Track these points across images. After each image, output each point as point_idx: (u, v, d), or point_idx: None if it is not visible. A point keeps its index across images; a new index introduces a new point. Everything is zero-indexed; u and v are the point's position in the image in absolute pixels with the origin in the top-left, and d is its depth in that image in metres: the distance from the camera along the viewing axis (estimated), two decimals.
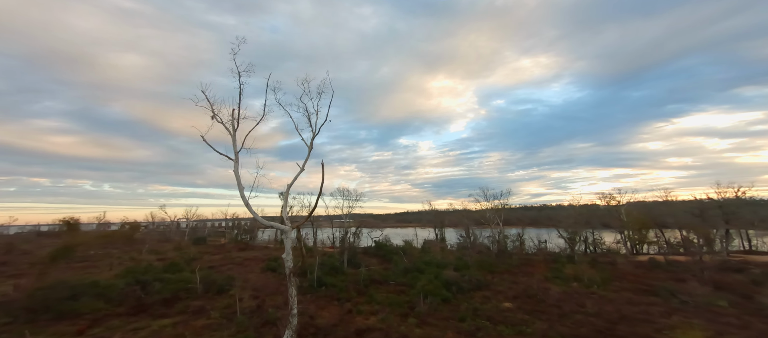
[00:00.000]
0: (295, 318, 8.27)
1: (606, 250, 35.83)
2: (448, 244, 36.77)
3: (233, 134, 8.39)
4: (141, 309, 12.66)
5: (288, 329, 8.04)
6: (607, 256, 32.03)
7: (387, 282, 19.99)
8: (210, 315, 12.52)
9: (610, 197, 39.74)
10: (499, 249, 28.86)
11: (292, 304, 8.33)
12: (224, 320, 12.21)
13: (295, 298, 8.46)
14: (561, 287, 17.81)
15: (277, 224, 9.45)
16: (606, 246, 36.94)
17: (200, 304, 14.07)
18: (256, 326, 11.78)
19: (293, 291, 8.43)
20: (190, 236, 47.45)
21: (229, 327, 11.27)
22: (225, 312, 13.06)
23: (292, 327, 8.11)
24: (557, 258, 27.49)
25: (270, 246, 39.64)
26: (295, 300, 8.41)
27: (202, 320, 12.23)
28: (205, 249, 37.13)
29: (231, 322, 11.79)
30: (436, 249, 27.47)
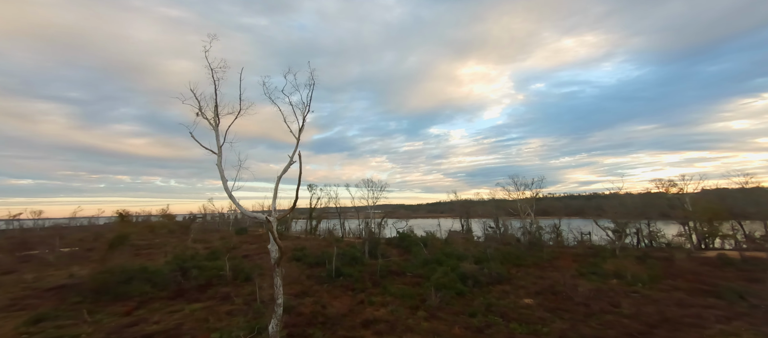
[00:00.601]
0: (280, 307, 8.62)
1: (664, 244, 31.42)
2: (476, 235, 35.35)
3: (216, 129, 8.83)
4: (179, 293, 14.37)
5: (273, 318, 8.43)
6: (663, 251, 28.07)
7: (404, 273, 19.95)
8: (234, 302, 13.71)
9: (670, 184, 34.44)
10: (530, 241, 26.95)
11: (277, 294, 8.68)
12: (245, 306, 13.27)
13: (281, 288, 8.80)
14: (595, 283, 16.09)
15: (259, 215, 9.82)
16: (665, 240, 32.37)
17: (228, 290, 15.47)
18: (271, 313, 12.61)
19: (278, 281, 8.78)
20: (234, 227, 52.26)
21: (248, 313, 12.22)
22: (247, 298, 14.18)
23: (277, 317, 8.48)
24: (599, 251, 24.83)
25: (301, 237, 41.98)
26: (280, 290, 8.76)
27: (227, 305, 13.45)
28: (244, 239, 40.64)
29: (250, 308, 12.77)
30: (458, 241, 26.60)
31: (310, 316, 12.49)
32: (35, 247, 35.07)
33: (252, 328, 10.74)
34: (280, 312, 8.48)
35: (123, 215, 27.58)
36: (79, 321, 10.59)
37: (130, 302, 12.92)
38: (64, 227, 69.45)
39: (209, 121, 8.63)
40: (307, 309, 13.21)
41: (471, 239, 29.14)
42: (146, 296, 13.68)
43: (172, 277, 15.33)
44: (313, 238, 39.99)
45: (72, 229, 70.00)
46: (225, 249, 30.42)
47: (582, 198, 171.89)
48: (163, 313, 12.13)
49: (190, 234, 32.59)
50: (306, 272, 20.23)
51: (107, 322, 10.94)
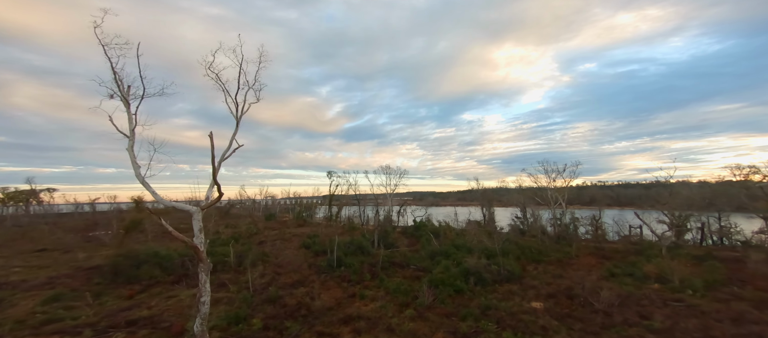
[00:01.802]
0: (205, 305, 8.20)
1: (739, 242, 25.85)
2: (499, 226, 32.71)
3: (127, 110, 8.44)
4: (183, 278, 15.22)
5: (198, 317, 8.07)
6: (734, 250, 23.05)
7: (408, 265, 18.98)
8: (229, 289, 14.06)
9: (752, 170, 27.93)
10: (557, 234, 24.02)
11: (202, 292, 8.28)
12: (238, 293, 13.51)
13: (206, 285, 8.36)
14: (628, 288, 13.53)
15: (184, 206, 9.42)
16: (741, 237, 26.61)
17: (230, 277, 16.00)
18: (259, 302, 12.65)
19: (203, 276, 8.34)
20: (264, 213, 55.52)
21: (235, 302, 12.38)
22: (243, 286, 14.45)
23: (202, 316, 8.10)
24: (644, 248, 21.17)
25: (322, 224, 43.00)
26: (206, 287, 8.32)
27: (222, 292, 13.84)
28: (270, 225, 42.84)
29: (238, 297, 12.93)
30: (475, 232, 24.64)
31: (294, 308, 12.27)
32: (100, 228, 40.41)
33: (230, 318, 10.78)
34: (204, 310, 8.12)
35: (138, 202, 30.04)
36: (84, 304, 11.60)
37: (137, 285, 13.98)
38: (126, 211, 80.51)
39: (123, 100, 8.28)
40: (294, 300, 13.03)
41: (491, 230, 26.90)
42: (154, 280, 14.70)
43: (180, 262, 16.29)
44: (332, 226, 40.66)
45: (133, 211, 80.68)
46: (247, 234, 32.23)
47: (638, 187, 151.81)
48: (161, 298, 12.85)
49: (212, 219, 34.73)
50: (310, 260, 20.32)
51: (110, 305, 11.86)
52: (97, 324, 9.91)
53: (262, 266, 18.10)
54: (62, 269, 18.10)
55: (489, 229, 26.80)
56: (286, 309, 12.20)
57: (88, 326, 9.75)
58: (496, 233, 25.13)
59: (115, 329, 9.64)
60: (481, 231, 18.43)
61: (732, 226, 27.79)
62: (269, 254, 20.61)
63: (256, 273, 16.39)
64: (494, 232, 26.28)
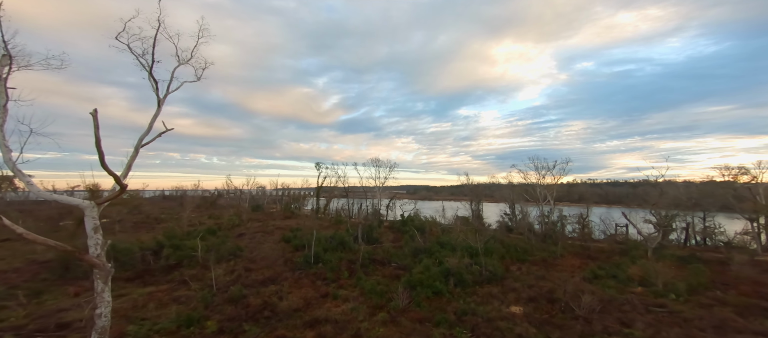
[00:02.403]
0: (102, 319, 7.17)
1: (722, 243, 25.92)
2: (487, 222, 32.32)
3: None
4: (142, 275, 14.20)
5: (93, 332, 7.10)
6: (717, 251, 23.01)
7: (390, 263, 18.27)
8: (190, 287, 13.10)
9: (741, 172, 27.92)
10: (544, 232, 23.60)
11: (98, 302, 7.26)
12: (199, 292, 12.56)
13: (104, 294, 7.32)
14: (610, 291, 13.05)
15: (71, 200, 8.32)
16: (724, 238, 26.69)
17: (195, 273, 15.02)
18: (219, 302, 11.75)
19: (99, 284, 7.31)
20: (250, 204, 54.21)
21: (191, 303, 11.45)
22: (207, 284, 13.50)
23: (98, 330, 7.10)
24: (629, 248, 20.87)
25: (309, 217, 42.05)
26: (103, 296, 7.30)
27: (182, 291, 12.89)
28: (255, 216, 41.71)
29: (194, 298, 12.00)
30: (461, 228, 24.05)
31: (258, 309, 11.41)
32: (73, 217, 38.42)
33: (182, 320, 9.86)
34: (101, 324, 7.10)
35: (93, 191, 28.42)
36: (17, 303, 10.52)
37: (87, 282, 12.88)
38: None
39: None
40: (260, 299, 12.16)
41: (477, 226, 26.39)
42: None
43: (142, 257, 15.22)
44: (320, 219, 39.75)
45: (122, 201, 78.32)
46: (228, 226, 31.11)
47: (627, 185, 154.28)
48: (113, 296, 11.80)
49: (187, 210, 33.45)
50: (288, 254, 19.44)
51: (49, 305, 10.82)
52: (23, 328, 8.89)
53: (233, 261, 17.15)
54: (17, 262, 16.85)
55: (476, 226, 26.27)
56: (248, 309, 11.33)
57: (13, 329, 8.73)
58: (483, 231, 24.61)
59: (42, 333, 8.64)
60: (468, 228, 17.78)
61: (716, 226, 27.92)
62: (244, 248, 19.65)
63: (224, 270, 15.45)
64: (480, 229, 25.79)
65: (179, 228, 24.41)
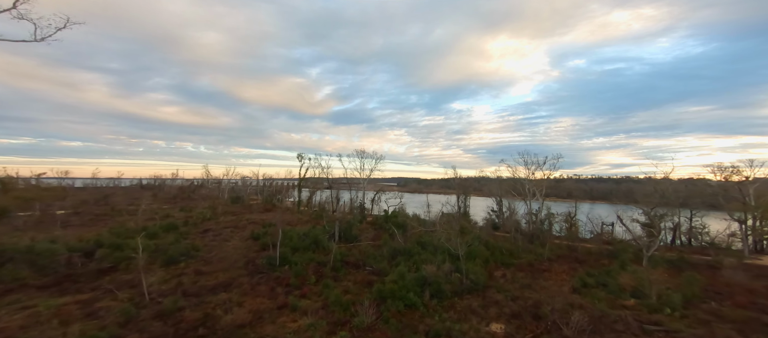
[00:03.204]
0: None
1: (708, 244, 25.42)
2: (473, 220, 31.08)
3: None
4: (62, 281, 12.05)
5: None
6: (705, 252, 22.39)
7: (364, 265, 16.60)
8: (117, 296, 11.06)
9: (733, 171, 27.23)
10: (531, 232, 22.37)
11: None
12: (126, 303, 10.54)
13: None
14: (601, 305, 11.75)
15: None
16: (709, 238, 26.25)
17: (130, 278, 12.94)
18: (145, 317, 9.80)
19: None
20: (230, 195, 51.56)
21: (107, 317, 9.45)
22: (137, 292, 11.48)
23: None
24: (618, 250, 19.85)
25: (290, 210, 39.90)
26: None
27: (106, 301, 10.85)
28: (231, 209, 39.32)
29: (111, 312, 10.00)
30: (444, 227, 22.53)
31: (192, 325, 9.54)
32: (35, 208, 35.15)
33: None
34: None
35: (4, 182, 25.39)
36: None
37: None
38: (81, 189, 73.59)
39: None
40: (199, 313, 10.28)
41: (463, 224, 24.99)
42: (17, 283, 11.44)
43: (68, 260, 13.01)
44: (301, 212, 37.71)
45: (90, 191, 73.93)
46: (198, 220, 28.76)
47: (611, 181, 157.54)
48: (11, 309, 9.72)
49: (143, 203, 30.77)
50: (253, 254, 17.51)
51: None
52: None
53: (185, 263, 15.11)
54: None
55: (461, 224, 24.85)
56: (180, 326, 9.45)
57: None
58: (468, 229, 23.20)
59: None
60: (452, 227, 16.25)
61: (701, 227, 27.43)
62: (201, 248, 17.57)
63: (169, 274, 13.43)
64: (465, 227, 24.45)
65: (134, 223, 21.99)
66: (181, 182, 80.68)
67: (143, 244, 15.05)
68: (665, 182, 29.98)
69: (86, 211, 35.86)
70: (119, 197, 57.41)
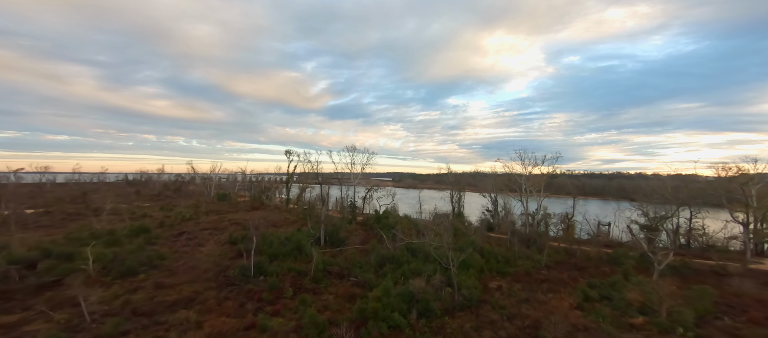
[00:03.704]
0: None
1: (707, 246, 24.57)
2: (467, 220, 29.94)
3: None
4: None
5: None
6: (706, 254, 21.51)
7: (348, 276, 15.18)
8: (52, 318, 9.45)
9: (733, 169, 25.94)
10: (528, 235, 21.19)
11: None
12: (59, 330, 8.93)
13: None
14: (607, 324, 10.53)
15: None
16: (706, 238, 25.41)
17: (74, 295, 11.28)
18: None
19: None
20: (217, 191, 49.54)
21: None
22: (77, 312, 9.87)
23: None
24: (619, 256, 18.76)
25: (278, 208, 38.19)
26: None
27: (37, 323, 9.23)
28: (216, 207, 37.49)
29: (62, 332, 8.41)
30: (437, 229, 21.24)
31: None
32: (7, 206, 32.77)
33: None
34: None
35: None
36: None
37: None
38: (61, 185, 70.55)
39: None
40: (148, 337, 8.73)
41: (457, 226, 23.73)
42: None
43: (4, 273, 11.29)
44: (289, 211, 36.08)
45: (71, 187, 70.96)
46: (176, 221, 26.98)
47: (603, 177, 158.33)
48: None
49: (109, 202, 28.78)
50: (227, 262, 15.96)
51: None
52: None
53: (145, 274, 13.49)
54: None
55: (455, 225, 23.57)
56: None
57: None
58: (463, 231, 21.87)
59: None
60: (444, 237, 14.81)
61: (701, 228, 26.57)
62: (168, 255, 15.92)
63: (124, 289, 11.80)
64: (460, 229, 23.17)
65: (100, 226, 20.16)
66: (167, 177, 78.17)
67: (98, 253, 13.41)
68: (655, 178, 29.04)
69: (59, 210, 33.72)
70: (101, 193, 54.93)
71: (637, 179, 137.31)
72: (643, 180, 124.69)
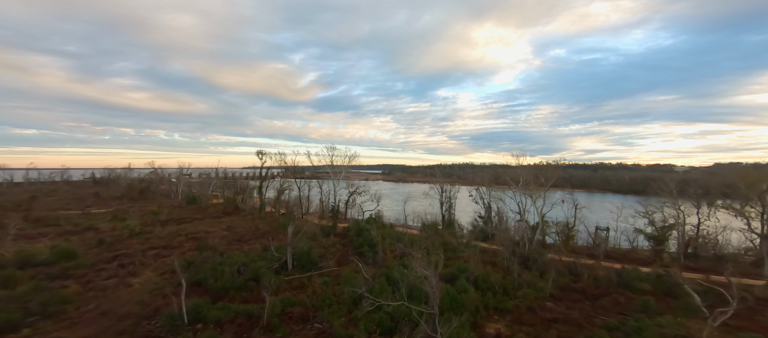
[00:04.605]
0: None
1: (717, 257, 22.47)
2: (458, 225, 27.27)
3: None
4: None
5: None
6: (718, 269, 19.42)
7: (312, 319, 12.03)
8: None
9: None
10: (527, 254, 18.53)
11: None
12: None
13: None
14: None
15: None
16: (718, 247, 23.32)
17: None
18: None
19: None
20: (184, 194, 45.17)
21: None
22: None
23: None
24: (630, 279, 16.26)
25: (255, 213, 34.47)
26: None
27: None
28: (179, 214, 33.46)
29: None
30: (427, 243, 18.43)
31: None
32: None
33: None
34: None
35: None
36: None
37: None
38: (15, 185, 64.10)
39: None
40: None
41: (447, 241, 20.94)
42: None
43: None
44: (262, 218, 32.48)
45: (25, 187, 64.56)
46: (124, 236, 23.02)
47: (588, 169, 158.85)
48: None
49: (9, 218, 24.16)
50: (158, 301, 12.54)
51: None
52: None
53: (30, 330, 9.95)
54: None
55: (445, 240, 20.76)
56: None
57: None
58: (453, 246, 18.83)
59: None
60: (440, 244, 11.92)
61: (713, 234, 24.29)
62: (74, 298, 12.30)
63: None
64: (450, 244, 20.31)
65: (4, 250, 16.17)
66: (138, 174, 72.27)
67: None
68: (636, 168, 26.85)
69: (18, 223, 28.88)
70: (57, 196, 49.51)
71: (618, 169, 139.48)
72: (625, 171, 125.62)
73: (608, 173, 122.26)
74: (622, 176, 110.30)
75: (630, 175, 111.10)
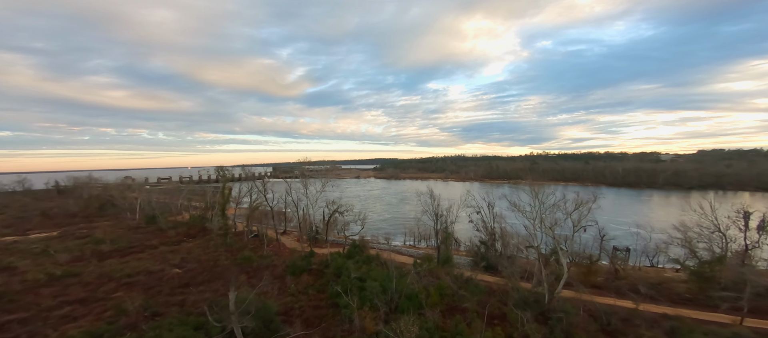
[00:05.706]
0: None
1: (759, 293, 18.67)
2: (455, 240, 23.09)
3: None
4: None
5: None
6: (754, 301, 15.67)
7: None
8: None
9: None
10: (545, 311, 14.29)
11: None
12: None
13: None
14: None
15: None
16: None
17: None
18: None
19: None
20: (143, 212, 39.50)
21: None
22: None
23: None
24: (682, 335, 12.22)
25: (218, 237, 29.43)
26: None
27: None
28: (134, 237, 28.19)
29: None
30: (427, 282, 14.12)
31: None
32: None
33: None
34: None
35: None
36: None
37: None
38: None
39: None
40: None
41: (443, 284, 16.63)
42: None
43: None
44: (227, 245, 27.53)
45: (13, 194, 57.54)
46: (30, 287, 17.91)
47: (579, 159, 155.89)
48: None
49: None
50: None
51: None
52: None
53: None
54: None
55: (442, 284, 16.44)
56: None
57: None
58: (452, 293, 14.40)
59: None
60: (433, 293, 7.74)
61: None
62: None
63: None
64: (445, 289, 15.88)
65: None
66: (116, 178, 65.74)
67: None
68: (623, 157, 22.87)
69: None
70: (1, 214, 43.28)
71: (606, 158, 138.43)
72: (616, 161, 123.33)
73: (601, 164, 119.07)
74: (615, 168, 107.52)
75: (622, 166, 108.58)
